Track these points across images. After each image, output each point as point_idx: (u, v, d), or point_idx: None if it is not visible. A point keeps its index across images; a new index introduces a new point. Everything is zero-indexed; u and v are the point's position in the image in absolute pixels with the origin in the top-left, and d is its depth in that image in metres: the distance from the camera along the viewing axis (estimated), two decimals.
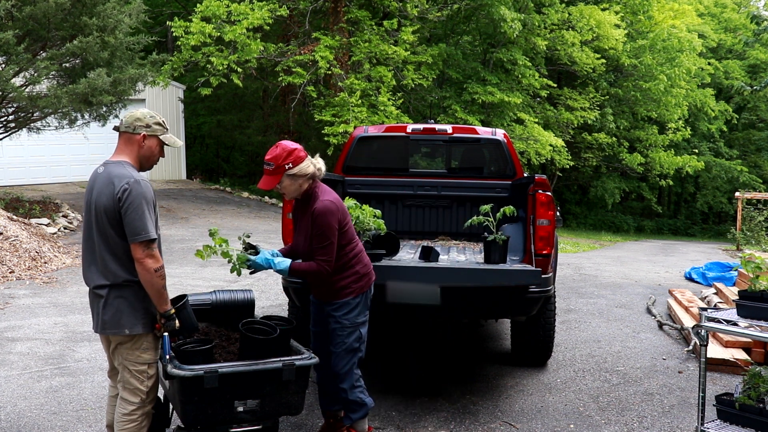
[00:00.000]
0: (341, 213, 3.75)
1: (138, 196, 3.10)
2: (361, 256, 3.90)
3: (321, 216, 3.64)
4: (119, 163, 3.22)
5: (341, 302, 3.81)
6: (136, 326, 3.19)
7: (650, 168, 24.99)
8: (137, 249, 3.09)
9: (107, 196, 3.13)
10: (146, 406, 3.28)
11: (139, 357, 3.24)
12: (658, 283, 10.29)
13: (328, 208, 3.65)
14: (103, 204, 3.14)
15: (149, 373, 3.26)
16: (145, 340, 3.24)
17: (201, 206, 16.12)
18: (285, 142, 3.72)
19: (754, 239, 15.97)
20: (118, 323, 3.18)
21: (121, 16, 12.01)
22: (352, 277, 3.82)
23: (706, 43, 28.33)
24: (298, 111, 19.21)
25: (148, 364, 3.26)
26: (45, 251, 9.45)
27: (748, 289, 3.72)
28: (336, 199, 3.77)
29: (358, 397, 3.85)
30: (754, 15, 20.85)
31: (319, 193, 3.73)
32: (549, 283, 4.81)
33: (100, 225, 3.17)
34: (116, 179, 3.13)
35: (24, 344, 5.95)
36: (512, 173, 6.19)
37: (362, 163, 6.40)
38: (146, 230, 3.09)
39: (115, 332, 3.19)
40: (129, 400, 3.26)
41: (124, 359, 3.25)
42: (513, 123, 19.51)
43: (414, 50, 16.74)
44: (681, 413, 4.73)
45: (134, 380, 3.24)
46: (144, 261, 3.09)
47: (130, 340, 3.22)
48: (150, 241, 3.11)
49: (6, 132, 12.63)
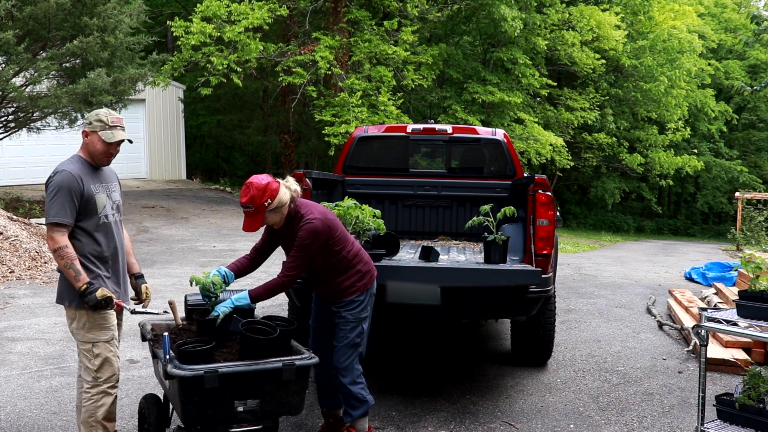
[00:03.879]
0: (327, 229, 3.70)
1: (54, 184, 3.35)
2: (360, 254, 3.91)
3: (303, 237, 3.63)
4: (72, 157, 3.51)
5: (347, 300, 3.84)
6: (73, 301, 3.39)
7: (650, 168, 24.99)
8: (47, 229, 3.38)
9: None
10: (100, 385, 3.43)
11: (84, 335, 3.42)
12: (658, 283, 10.29)
13: (315, 228, 3.63)
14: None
15: (94, 352, 3.42)
16: (87, 320, 3.41)
17: (201, 206, 16.12)
18: (255, 180, 3.59)
19: (754, 239, 15.98)
20: (60, 295, 3.47)
21: (121, 16, 12.01)
22: (355, 276, 3.84)
23: (707, 44, 28.32)
24: (298, 111, 19.21)
25: (93, 343, 3.41)
26: (45, 251, 9.45)
27: (748, 289, 3.72)
28: (321, 214, 3.73)
29: (359, 393, 3.84)
30: (754, 15, 20.87)
31: (302, 210, 3.70)
32: (549, 283, 4.81)
33: None
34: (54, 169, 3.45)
35: (24, 344, 5.95)
36: (512, 173, 6.19)
37: (362, 163, 6.40)
38: (50, 214, 3.34)
39: (59, 301, 3.48)
40: (84, 378, 3.47)
41: (74, 336, 3.47)
42: (513, 123, 19.51)
43: (414, 50, 16.74)
44: (681, 413, 4.73)
45: (83, 358, 3.45)
46: (48, 242, 3.37)
47: (72, 318, 3.43)
48: (52, 224, 3.33)
49: (6, 132, 12.63)
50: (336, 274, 3.80)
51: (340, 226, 3.88)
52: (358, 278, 3.85)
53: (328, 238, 3.71)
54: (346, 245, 3.83)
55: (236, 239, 12.33)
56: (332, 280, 3.82)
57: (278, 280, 3.64)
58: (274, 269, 9.77)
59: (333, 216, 3.87)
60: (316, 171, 5.63)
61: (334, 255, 3.77)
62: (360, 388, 3.85)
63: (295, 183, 3.81)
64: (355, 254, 3.87)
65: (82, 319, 3.40)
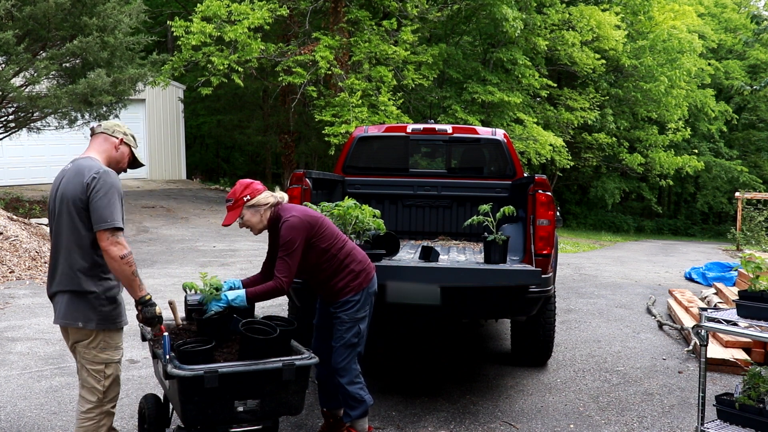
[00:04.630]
0: (308, 225, 3.73)
1: (107, 184, 3.11)
2: (353, 254, 3.91)
3: (284, 235, 3.67)
4: (88, 158, 3.26)
5: (342, 300, 3.85)
6: (90, 322, 3.17)
7: (650, 168, 25.00)
8: (102, 236, 3.08)
9: (75, 184, 3.13)
10: (104, 405, 3.26)
11: (96, 356, 3.22)
12: (658, 283, 10.29)
13: (292, 225, 3.68)
14: (71, 193, 3.13)
15: (106, 373, 3.24)
16: (102, 339, 3.22)
17: (201, 206, 16.13)
18: (242, 180, 3.82)
19: (754, 239, 15.99)
20: (72, 315, 3.16)
21: (121, 16, 12.01)
22: (349, 276, 3.85)
23: (707, 44, 28.33)
24: (298, 111, 19.21)
25: (105, 364, 3.24)
26: (45, 251, 9.45)
27: (748, 289, 3.72)
28: (300, 212, 3.77)
29: (357, 393, 3.84)
30: (754, 14, 20.89)
31: (282, 213, 3.77)
32: (549, 283, 4.81)
33: (66, 217, 3.16)
34: (86, 170, 3.15)
35: (24, 344, 5.95)
36: (512, 173, 6.19)
37: (362, 163, 6.40)
38: (113, 218, 3.09)
39: (68, 323, 3.18)
40: (87, 398, 3.25)
41: (82, 357, 3.24)
42: (513, 123, 19.52)
43: (414, 50, 16.74)
44: (681, 413, 4.73)
45: (91, 379, 3.23)
46: (109, 249, 3.08)
47: (86, 338, 3.20)
48: (115, 228, 3.09)
49: (6, 132, 12.63)
50: (330, 276, 3.82)
51: (327, 224, 3.88)
52: (352, 278, 3.85)
53: (311, 235, 3.73)
54: (335, 243, 3.83)
55: (236, 239, 12.33)
56: (327, 282, 3.85)
57: (273, 283, 3.66)
58: None
59: (316, 214, 3.89)
60: (316, 171, 5.63)
61: (322, 254, 3.78)
62: (358, 388, 3.85)
63: (283, 194, 3.90)
64: (347, 253, 3.87)
65: (98, 339, 3.20)
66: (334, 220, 4.37)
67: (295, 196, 4.95)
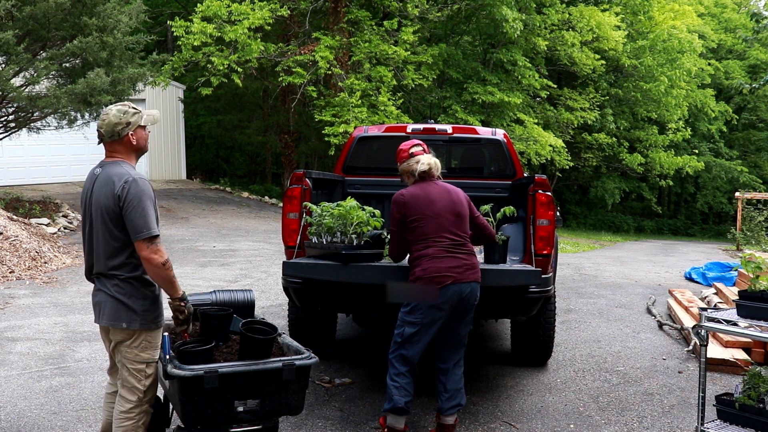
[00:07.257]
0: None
1: (138, 193, 3.13)
2: (420, 261, 4.04)
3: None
4: (116, 163, 3.24)
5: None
6: (134, 322, 3.21)
7: (650, 168, 25.00)
8: (141, 246, 3.13)
9: (106, 195, 3.16)
10: (143, 405, 3.30)
11: (138, 356, 3.26)
12: (658, 283, 10.29)
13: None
14: (103, 203, 3.17)
15: (147, 372, 3.28)
16: (144, 339, 3.26)
17: (201, 206, 16.13)
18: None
19: (754, 239, 15.99)
20: (116, 315, 3.21)
21: (120, 16, 12.02)
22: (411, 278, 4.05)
23: (707, 44, 28.34)
24: (298, 111, 19.22)
25: (147, 363, 3.28)
26: (45, 251, 9.45)
27: (748, 289, 3.72)
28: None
29: (390, 390, 4.00)
30: (754, 13, 20.92)
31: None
32: (549, 283, 4.81)
33: (101, 223, 3.19)
34: (115, 178, 3.16)
35: (24, 344, 5.95)
36: (512, 173, 6.19)
37: (362, 163, 6.39)
38: (148, 227, 3.12)
39: (113, 324, 3.22)
40: (127, 398, 3.28)
41: (123, 357, 3.27)
42: (513, 123, 19.52)
43: (414, 50, 16.74)
44: (681, 413, 4.73)
45: (132, 378, 3.27)
46: (150, 257, 3.13)
47: (129, 338, 3.24)
48: (153, 236, 3.13)
49: (6, 132, 12.63)
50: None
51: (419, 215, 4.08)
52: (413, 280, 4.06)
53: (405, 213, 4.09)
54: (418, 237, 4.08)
55: (236, 239, 12.33)
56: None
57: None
58: (274, 269, 9.79)
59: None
60: (316, 171, 5.62)
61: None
62: (392, 385, 4.01)
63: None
64: (421, 256, 4.05)
65: (140, 339, 3.25)
66: (334, 220, 4.36)
67: (295, 196, 4.94)
